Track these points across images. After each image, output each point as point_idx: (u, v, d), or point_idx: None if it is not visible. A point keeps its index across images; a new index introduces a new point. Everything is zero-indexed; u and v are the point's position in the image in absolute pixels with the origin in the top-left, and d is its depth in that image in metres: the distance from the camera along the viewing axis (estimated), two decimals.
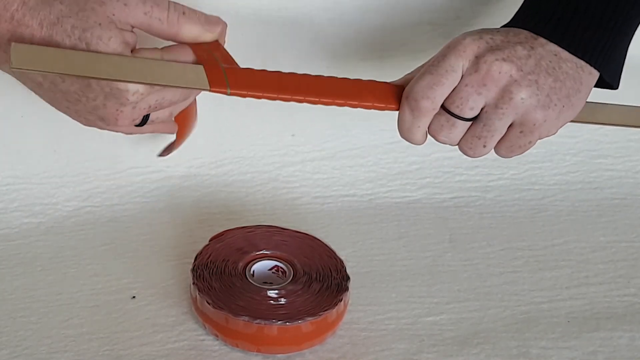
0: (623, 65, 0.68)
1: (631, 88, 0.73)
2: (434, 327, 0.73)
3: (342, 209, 0.88)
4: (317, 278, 0.72)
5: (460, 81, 0.63)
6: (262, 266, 0.74)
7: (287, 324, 0.68)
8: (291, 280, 0.72)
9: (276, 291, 0.70)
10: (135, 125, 0.65)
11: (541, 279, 0.80)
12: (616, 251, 0.84)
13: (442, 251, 0.83)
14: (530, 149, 0.68)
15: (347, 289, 0.72)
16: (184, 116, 0.73)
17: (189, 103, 0.69)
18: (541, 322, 0.74)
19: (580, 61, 0.64)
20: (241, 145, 0.89)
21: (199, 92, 0.68)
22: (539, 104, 0.63)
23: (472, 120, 0.64)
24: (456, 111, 0.64)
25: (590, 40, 0.64)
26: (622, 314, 0.76)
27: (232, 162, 0.89)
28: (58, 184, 0.84)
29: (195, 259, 0.73)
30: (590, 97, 0.67)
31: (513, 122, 0.64)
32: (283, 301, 0.69)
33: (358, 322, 0.73)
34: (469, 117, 0.64)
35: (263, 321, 0.67)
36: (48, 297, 0.73)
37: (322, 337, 0.70)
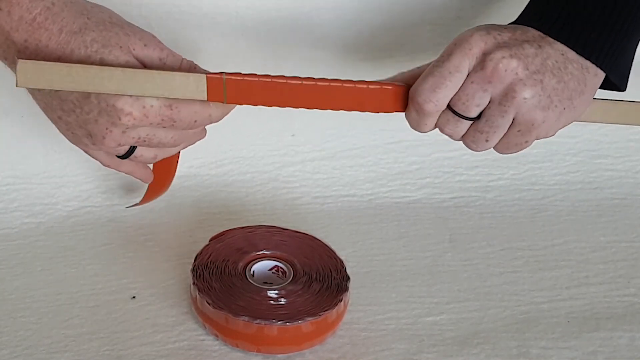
0: (630, 67, 0.67)
1: (639, 89, 0.72)
2: (434, 327, 0.73)
3: (342, 209, 0.87)
4: (317, 278, 0.72)
5: (466, 78, 0.63)
6: (262, 266, 0.74)
7: (287, 324, 0.67)
8: (291, 281, 0.72)
9: (276, 291, 0.70)
10: (118, 156, 0.66)
11: (541, 279, 0.80)
12: (616, 251, 0.84)
13: (442, 251, 0.83)
14: (530, 149, 0.68)
15: (347, 289, 0.72)
16: (163, 169, 0.74)
17: (174, 152, 0.70)
18: (541, 322, 0.74)
19: (586, 62, 0.64)
20: (241, 145, 0.89)
21: (186, 146, 0.69)
22: (540, 104, 0.63)
23: (477, 118, 0.64)
24: (462, 109, 0.64)
25: (596, 41, 0.64)
26: (622, 314, 0.76)
27: (232, 162, 0.89)
28: (58, 184, 0.84)
29: (195, 259, 0.73)
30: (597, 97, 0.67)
31: (514, 119, 0.64)
32: (283, 301, 0.69)
33: (358, 322, 0.73)
34: (474, 115, 0.64)
35: (263, 321, 0.67)
36: (48, 297, 0.73)
37: (322, 337, 0.70)
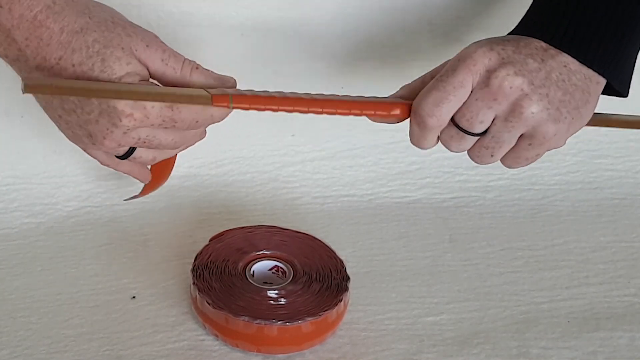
0: (632, 73, 0.67)
1: None
2: (434, 327, 0.73)
3: (342, 209, 0.87)
4: (317, 278, 0.72)
5: (470, 95, 0.63)
6: (262, 266, 0.74)
7: (287, 324, 0.67)
8: (291, 281, 0.72)
9: (276, 291, 0.70)
10: (117, 156, 0.66)
11: (541, 279, 0.80)
12: (616, 251, 0.84)
13: (442, 251, 0.83)
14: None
15: (347, 289, 0.72)
16: (160, 169, 0.74)
17: (174, 154, 0.70)
18: (541, 322, 0.74)
19: (589, 71, 0.64)
20: (241, 145, 0.89)
21: (185, 148, 0.69)
22: (550, 117, 0.63)
23: (482, 134, 0.64)
24: (465, 125, 0.63)
25: (597, 49, 0.64)
26: (622, 314, 0.76)
27: (232, 162, 0.89)
28: (58, 184, 0.84)
29: (195, 259, 0.73)
30: (600, 103, 0.66)
31: (523, 134, 0.64)
32: (283, 301, 0.69)
33: (358, 322, 0.73)
34: (478, 131, 0.64)
35: (263, 321, 0.67)
36: (48, 297, 0.73)
37: (322, 337, 0.70)
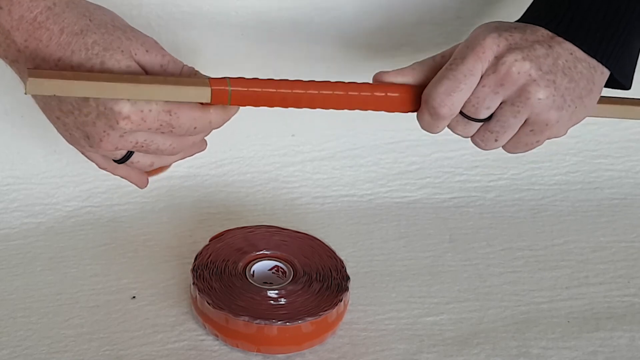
0: (635, 65, 0.67)
1: None
2: (434, 327, 0.73)
3: (342, 209, 0.87)
4: (317, 278, 0.72)
5: (478, 82, 0.63)
6: (262, 266, 0.74)
7: (287, 324, 0.67)
8: (291, 281, 0.72)
9: (276, 291, 0.70)
10: (115, 160, 0.66)
11: (541, 279, 0.80)
12: (616, 251, 0.84)
13: (442, 251, 0.83)
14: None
15: (347, 289, 0.72)
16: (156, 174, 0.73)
17: (172, 161, 0.69)
18: (541, 322, 0.74)
19: (593, 60, 0.64)
20: (241, 145, 0.89)
21: (184, 157, 0.69)
22: (554, 104, 0.63)
23: (487, 119, 0.64)
24: (471, 112, 0.64)
25: (602, 39, 0.64)
26: (622, 314, 0.76)
27: (232, 162, 0.89)
28: (58, 184, 0.84)
29: (195, 259, 0.73)
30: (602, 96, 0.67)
31: (526, 119, 0.64)
32: (283, 301, 0.69)
33: (358, 322, 0.73)
34: (484, 117, 0.64)
35: (263, 321, 0.67)
36: (48, 297, 0.73)
37: (322, 337, 0.70)
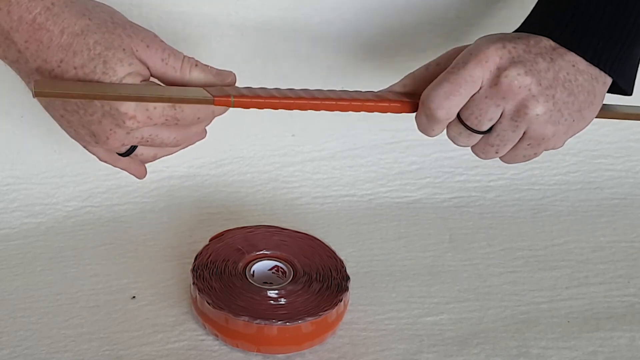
0: (636, 71, 0.67)
1: None
2: (434, 327, 0.73)
3: (342, 209, 0.87)
4: (317, 278, 0.72)
5: (479, 92, 0.63)
6: (262, 266, 0.74)
7: (287, 324, 0.67)
8: (291, 281, 0.72)
9: (276, 291, 0.70)
10: (119, 153, 0.66)
11: (541, 279, 0.80)
12: (616, 251, 0.84)
13: (442, 251, 0.83)
14: None
15: (347, 289, 0.72)
16: None
17: (175, 151, 0.70)
18: (541, 322, 0.74)
19: (595, 70, 0.64)
20: (241, 145, 0.89)
21: (186, 146, 0.69)
22: (551, 119, 0.63)
23: (487, 131, 0.64)
24: (474, 123, 0.64)
25: (604, 48, 0.64)
26: (622, 314, 0.76)
27: (232, 162, 0.89)
28: (58, 184, 0.84)
29: (195, 259, 0.73)
30: (604, 102, 0.67)
31: (524, 133, 0.64)
32: (283, 301, 0.69)
33: (358, 322, 0.73)
34: (485, 129, 0.64)
35: (263, 321, 0.67)
36: (48, 297, 0.73)
37: (322, 337, 0.70)
